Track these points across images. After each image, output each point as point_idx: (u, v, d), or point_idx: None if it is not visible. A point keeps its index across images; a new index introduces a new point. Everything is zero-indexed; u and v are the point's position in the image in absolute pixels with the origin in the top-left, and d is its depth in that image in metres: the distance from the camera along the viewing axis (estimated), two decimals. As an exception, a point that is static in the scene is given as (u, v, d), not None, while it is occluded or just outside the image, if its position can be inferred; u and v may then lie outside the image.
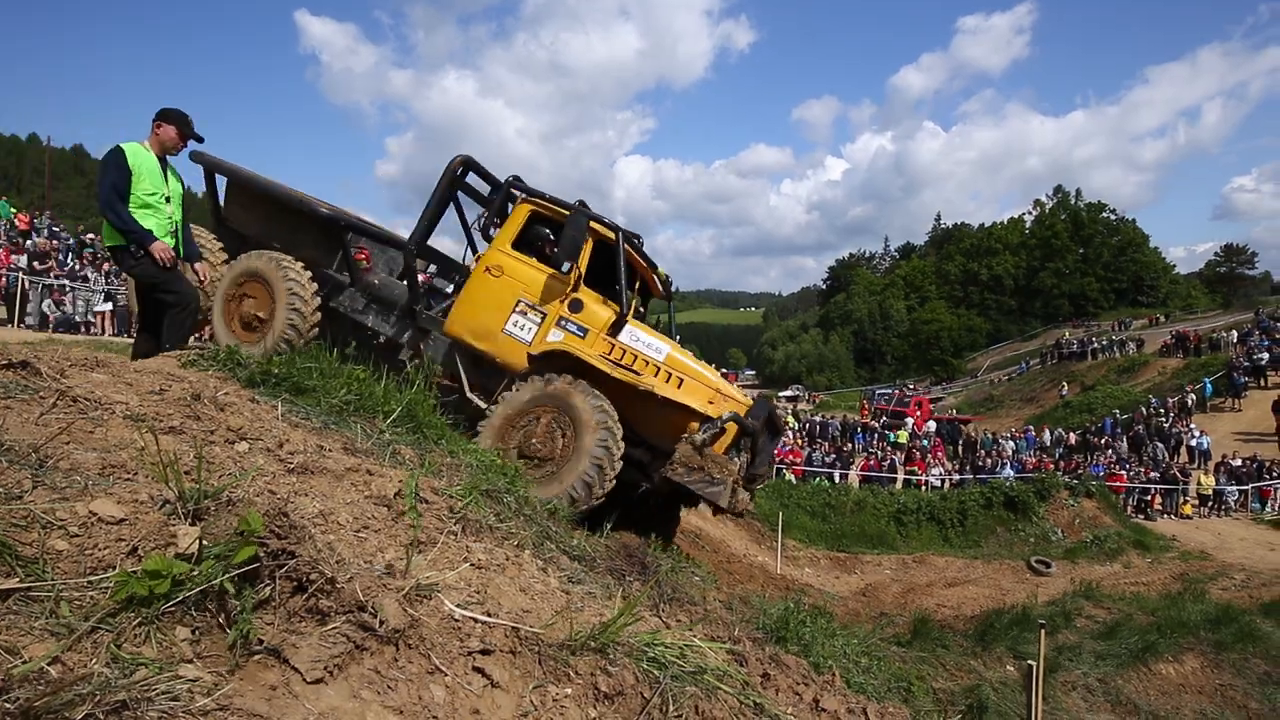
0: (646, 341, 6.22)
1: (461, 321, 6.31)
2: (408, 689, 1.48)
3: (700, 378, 6.19)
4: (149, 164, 4.87)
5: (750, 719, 2.00)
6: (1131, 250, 73.71)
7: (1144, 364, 39.46)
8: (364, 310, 6.84)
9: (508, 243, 6.38)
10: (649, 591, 4.25)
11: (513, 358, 6.17)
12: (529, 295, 6.20)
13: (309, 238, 6.85)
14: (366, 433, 4.04)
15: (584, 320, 6.15)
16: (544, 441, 5.71)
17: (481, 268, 6.36)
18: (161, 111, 5.01)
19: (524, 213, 6.44)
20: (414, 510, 2.64)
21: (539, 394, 5.78)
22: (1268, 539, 18.09)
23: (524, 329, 6.16)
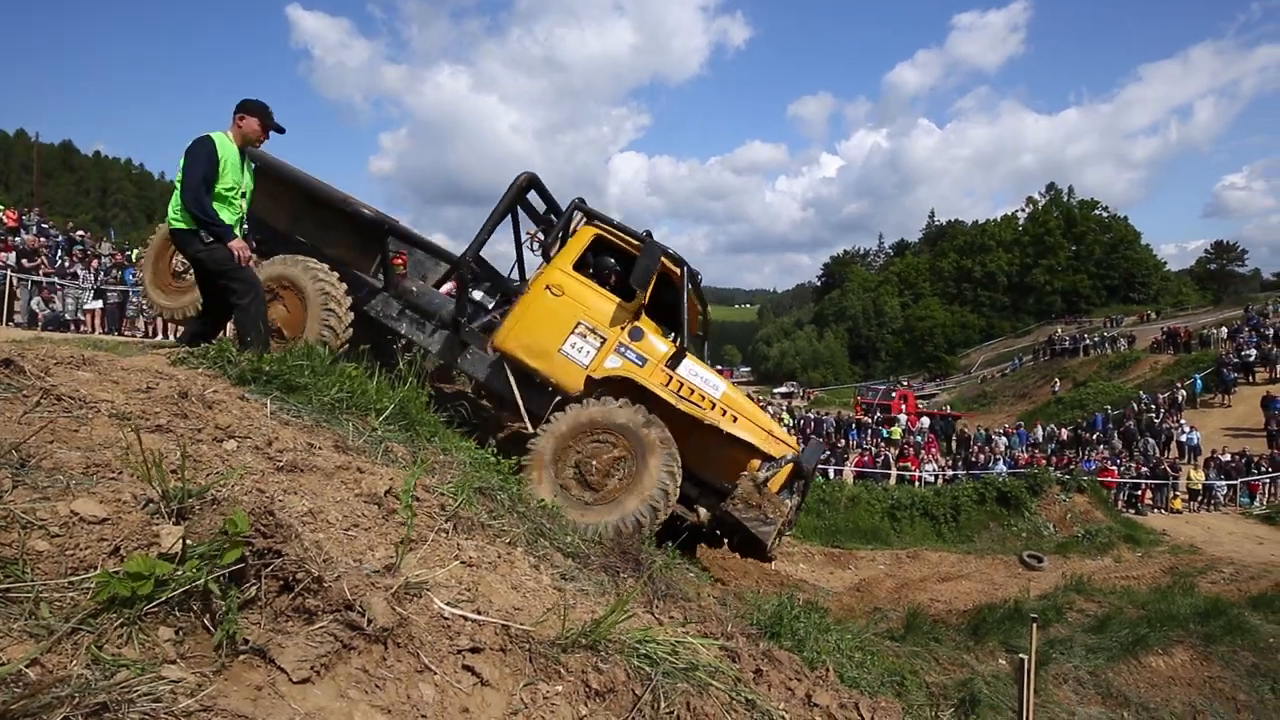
0: (704, 377, 6.21)
1: (516, 338, 6.18)
2: (396, 688, 1.47)
3: (755, 417, 6.22)
4: (233, 157, 4.83)
5: (742, 715, 2.00)
6: (1123, 247, 74.04)
7: (1135, 360, 39.64)
8: (398, 317, 6.68)
9: (569, 264, 6.30)
10: (642, 588, 4.25)
11: (567, 379, 6.07)
12: (590, 318, 6.12)
13: (344, 237, 6.69)
14: (358, 430, 4.01)
15: (644, 350, 6.12)
16: (605, 467, 5.66)
17: (541, 285, 6.25)
18: (244, 103, 4.95)
19: (588, 236, 6.38)
20: (408, 509, 2.62)
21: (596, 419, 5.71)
22: (1256, 533, 18.23)
23: (582, 351, 6.07)
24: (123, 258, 17.42)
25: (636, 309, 6.14)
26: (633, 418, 5.65)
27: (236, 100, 5.02)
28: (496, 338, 6.23)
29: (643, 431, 5.62)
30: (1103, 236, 74.45)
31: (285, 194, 6.72)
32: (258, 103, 4.98)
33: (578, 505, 5.57)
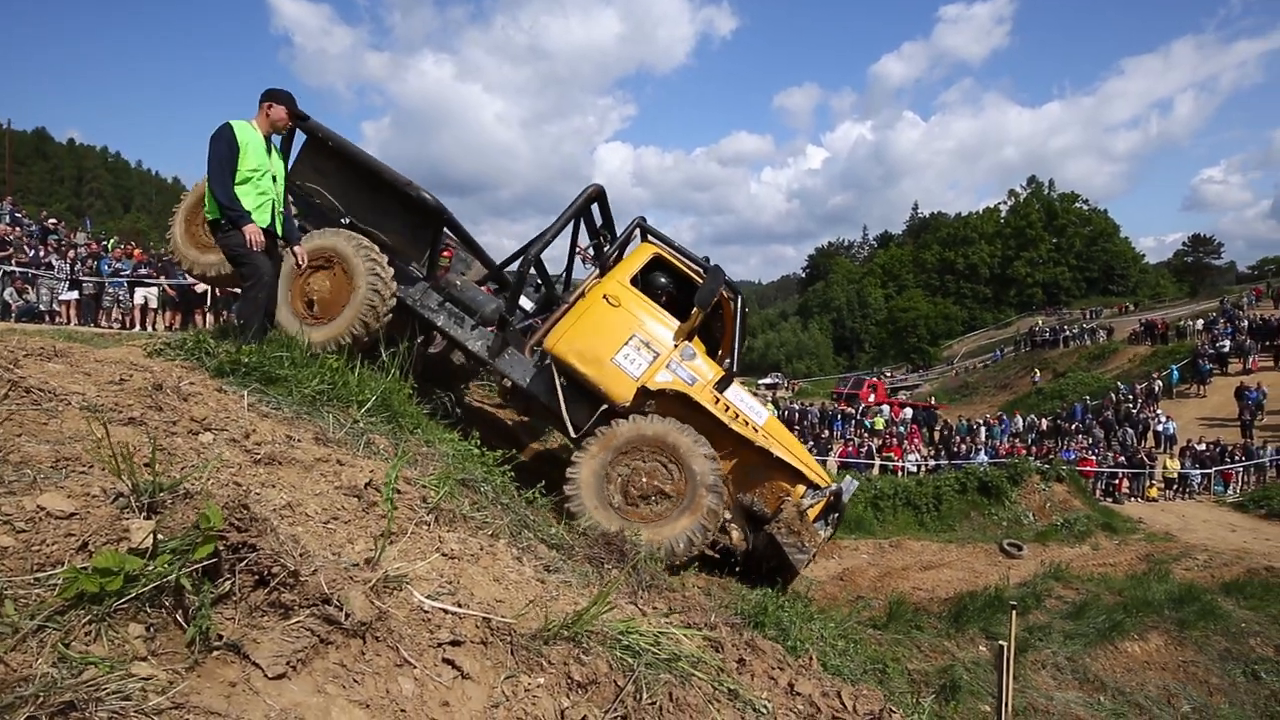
0: (749, 404, 6.30)
1: (569, 342, 6.19)
2: (375, 682, 1.45)
3: (795, 448, 6.33)
4: (255, 141, 4.94)
5: (725, 704, 2.00)
6: (1103, 240, 74.87)
7: (1114, 351, 40.17)
8: (436, 309, 6.58)
9: (626, 277, 6.39)
10: (627, 579, 4.25)
11: (617, 388, 6.08)
12: (645, 332, 6.19)
13: (394, 221, 6.52)
14: (340, 422, 3.97)
15: (695, 369, 6.20)
16: (654, 485, 5.71)
17: (598, 294, 6.31)
18: (270, 92, 5.10)
19: (647, 253, 6.50)
20: (389, 501, 2.60)
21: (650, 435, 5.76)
22: (1229, 520, 18.57)
23: (634, 363, 6.10)
24: (98, 247, 17.11)
25: (690, 329, 6.20)
26: (683, 439, 5.69)
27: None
28: (548, 340, 6.24)
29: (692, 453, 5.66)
30: (1083, 229, 75.23)
31: (338, 172, 6.58)
32: (284, 91, 5.15)
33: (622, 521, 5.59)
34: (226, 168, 4.79)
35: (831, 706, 2.55)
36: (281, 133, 5.23)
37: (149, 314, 14.87)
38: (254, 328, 4.94)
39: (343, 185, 6.62)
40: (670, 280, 6.70)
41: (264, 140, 5.03)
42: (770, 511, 6.14)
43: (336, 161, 6.53)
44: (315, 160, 6.68)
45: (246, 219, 4.85)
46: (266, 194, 5.06)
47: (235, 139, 4.82)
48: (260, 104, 5.08)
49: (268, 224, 5.09)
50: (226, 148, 4.79)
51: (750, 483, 6.19)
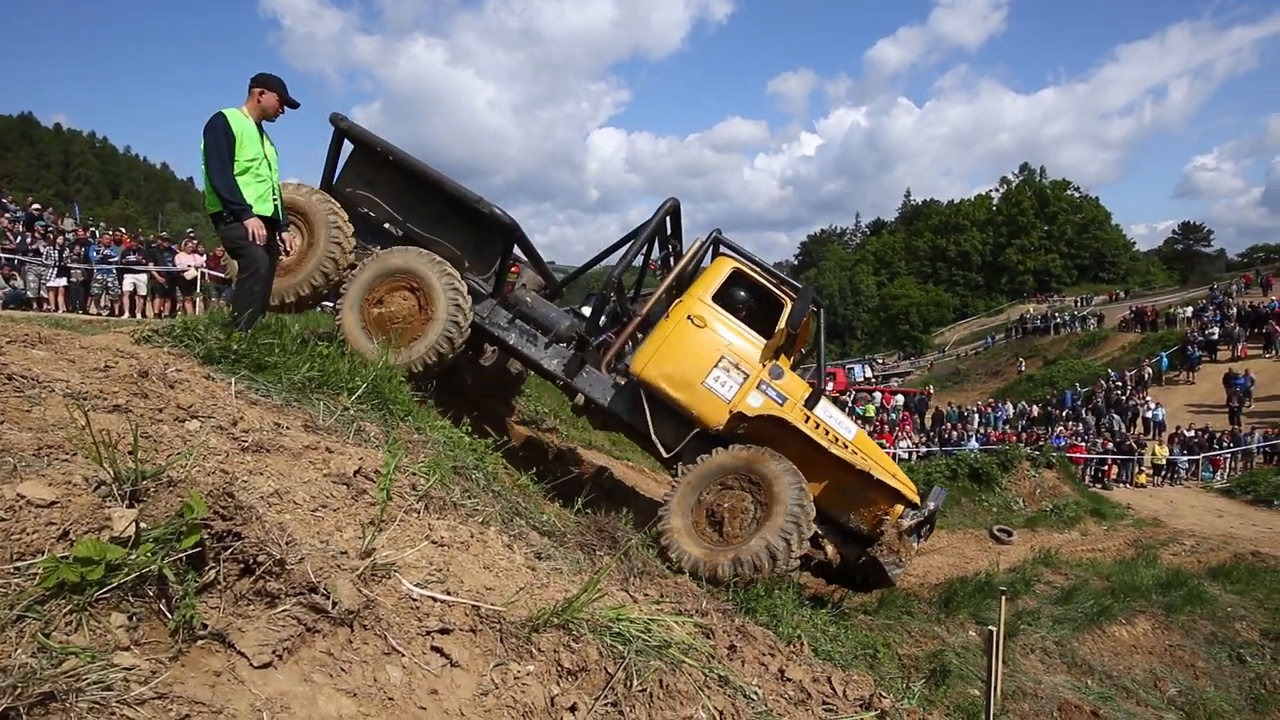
0: (838, 419, 6.22)
1: (658, 366, 6.06)
2: (362, 671, 1.44)
3: (882, 461, 6.26)
4: (249, 130, 4.89)
5: (715, 691, 2.00)
6: (1094, 227, 75.00)
7: (1104, 339, 40.33)
8: (507, 326, 6.44)
9: (709, 295, 6.24)
10: (619, 566, 4.25)
11: (709, 412, 6.00)
12: (733, 352, 6.07)
13: (458, 235, 6.33)
14: (330, 409, 3.95)
15: (784, 388, 6.09)
16: (736, 510, 5.62)
17: (682, 314, 6.15)
18: (260, 77, 5.03)
19: (727, 268, 6.35)
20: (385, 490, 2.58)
21: (735, 462, 5.69)
22: (1216, 506, 18.75)
23: (725, 386, 6.00)
24: (86, 234, 16.92)
25: (777, 347, 6.11)
26: (773, 466, 5.59)
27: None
28: (635, 364, 6.12)
29: (782, 482, 5.54)
30: (1074, 217, 75.33)
31: (393, 181, 6.40)
32: (275, 77, 5.07)
33: (706, 547, 5.54)
34: (226, 158, 4.75)
35: (822, 691, 2.57)
36: (273, 119, 5.13)
37: (138, 301, 14.74)
38: (251, 319, 4.92)
39: (398, 196, 6.44)
40: (749, 294, 6.53)
41: (256, 127, 4.98)
42: (868, 529, 6.07)
43: (390, 172, 6.37)
44: (366, 171, 6.50)
45: (249, 212, 4.83)
46: (266, 182, 5.03)
47: (230, 128, 4.76)
48: (250, 89, 5.01)
49: (270, 214, 5.07)
50: (224, 137, 4.74)
51: (847, 502, 6.08)
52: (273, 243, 5.23)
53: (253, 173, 4.92)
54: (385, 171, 6.38)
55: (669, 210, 6.65)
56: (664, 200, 6.69)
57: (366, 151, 6.40)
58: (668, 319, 6.21)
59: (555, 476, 6.83)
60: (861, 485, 5.88)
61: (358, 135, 6.39)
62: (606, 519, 5.44)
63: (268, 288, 5.29)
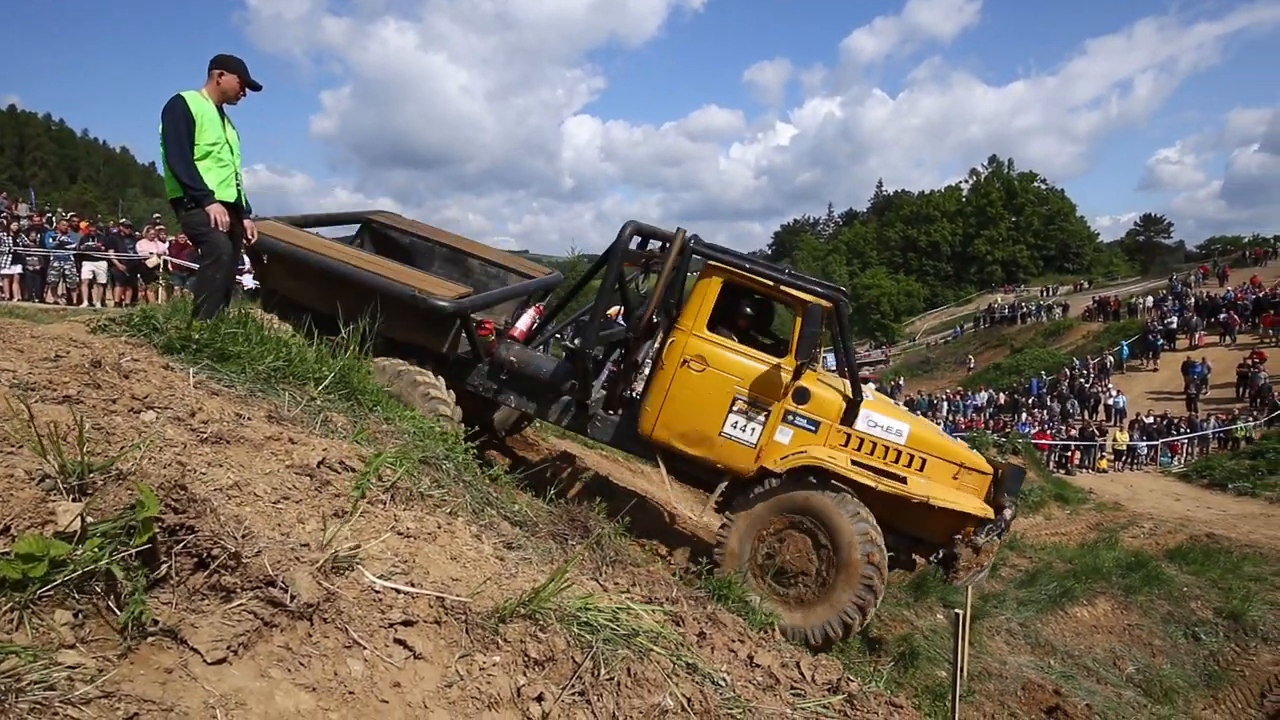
0: (886, 424, 5.47)
1: (667, 425, 5.48)
2: (322, 665, 1.41)
3: (945, 452, 5.58)
4: (209, 113, 4.74)
5: (684, 678, 2.00)
6: (1059, 219, 76.45)
7: (1068, 328, 41.20)
8: (503, 388, 6.07)
9: (703, 325, 5.49)
10: (590, 555, 4.24)
11: (736, 462, 5.45)
12: (745, 390, 5.37)
13: (405, 320, 5.69)
14: (295, 400, 3.87)
15: (814, 411, 5.39)
16: (799, 561, 5.22)
17: (677, 359, 5.46)
18: (221, 59, 4.85)
19: (716, 286, 5.52)
20: (362, 483, 2.54)
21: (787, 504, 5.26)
22: (1174, 490, 19.31)
23: (746, 430, 5.37)
24: (42, 220, 16.38)
25: (796, 367, 5.33)
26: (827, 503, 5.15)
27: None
28: (643, 424, 5.57)
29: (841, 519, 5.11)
30: (1040, 208, 76.67)
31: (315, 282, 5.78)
32: (235, 58, 4.90)
33: (778, 602, 5.23)
34: (185, 143, 4.61)
35: (790, 677, 2.59)
36: (234, 102, 4.99)
37: (97, 289, 14.33)
38: (213, 306, 4.83)
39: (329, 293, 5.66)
40: (746, 299, 5.82)
41: (217, 110, 4.85)
42: (939, 541, 5.62)
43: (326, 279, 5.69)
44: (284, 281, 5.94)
45: (210, 198, 4.70)
46: (228, 167, 4.91)
47: (189, 111, 4.63)
48: (210, 72, 4.86)
49: (233, 199, 4.95)
50: (183, 121, 4.60)
51: (912, 519, 5.51)
52: (236, 229, 5.11)
53: (214, 157, 4.79)
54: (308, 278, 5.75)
55: (629, 236, 5.86)
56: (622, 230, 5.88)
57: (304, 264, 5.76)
58: (663, 367, 5.54)
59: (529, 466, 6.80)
60: (924, 506, 5.27)
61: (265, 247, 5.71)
62: (579, 508, 5.43)
63: (230, 275, 5.18)
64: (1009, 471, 5.69)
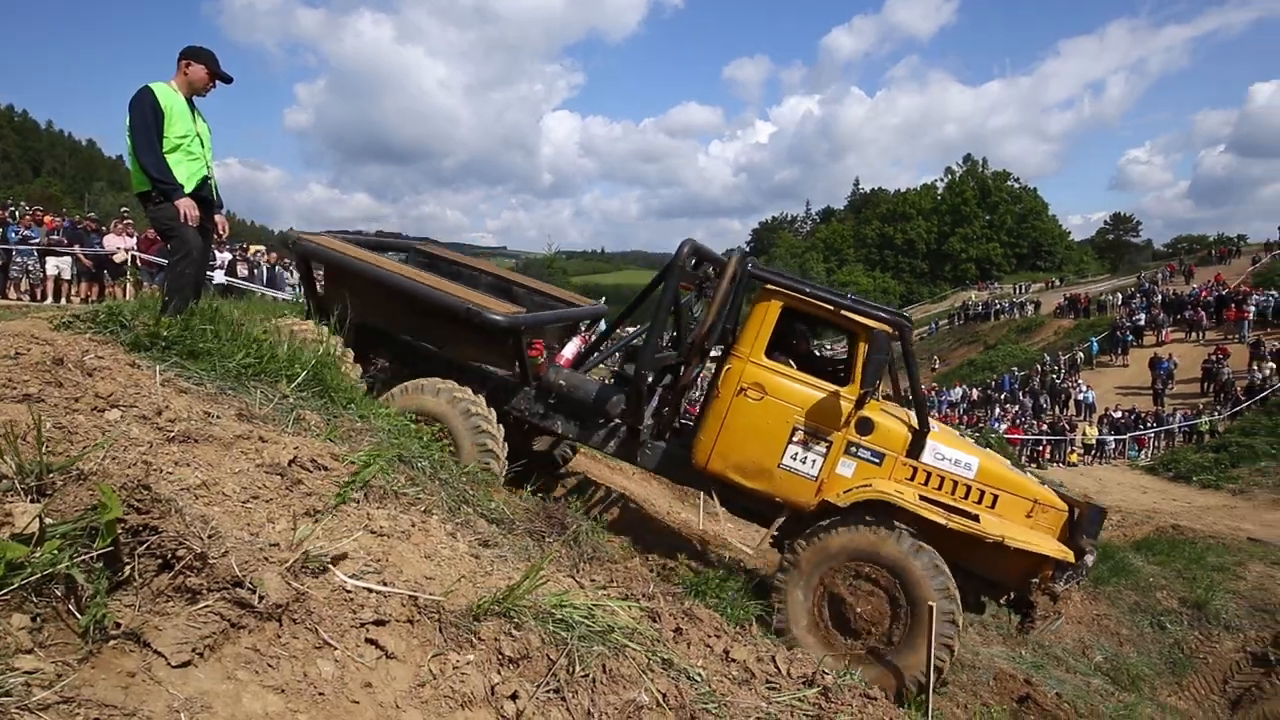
0: (954, 458, 5.19)
1: (723, 457, 5.25)
2: (291, 666, 1.39)
3: (1018, 488, 5.25)
4: (179, 105, 4.65)
5: (659, 674, 2.01)
6: (1032, 218, 77.72)
7: (1040, 325, 41.85)
8: (549, 414, 5.91)
9: (760, 351, 5.26)
10: (567, 552, 4.24)
11: (796, 495, 5.19)
12: (806, 419, 5.13)
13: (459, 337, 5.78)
14: (267, 398, 3.82)
15: (878, 443, 5.13)
16: (871, 615, 4.90)
17: (733, 387, 5.24)
18: (189, 50, 4.78)
19: (775, 310, 5.29)
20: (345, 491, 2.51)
21: (863, 546, 4.90)
22: (1141, 483, 19.72)
23: (807, 462, 5.12)
24: (5, 214, 15.96)
25: (859, 396, 5.06)
26: (909, 558, 4.79)
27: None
28: (697, 455, 5.35)
29: (918, 572, 4.76)
30: (1014, 207, 77.87)
31: (390, 302, 5.89)
32: (204, 49, 4.83)
33: (838, 653, 4.81)
34: (154, 135, 4.52)
35: (766, 671, 2.61)
36: (203, 94, 4.91)
37: (62, 285, 13.99)
38: (182, 303, 4.75)
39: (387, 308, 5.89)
40: (803, 323, 5.62)
41: (187, 103, 4.77)
42: (1012, 584, 5.29)
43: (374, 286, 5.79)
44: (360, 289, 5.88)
45: (179, 192, 4.61)
46: (198, 160, 4.82)
47: (157, 103, 4.54)
48: (178, 63, 4.79)
49: (204, 193, 4.86)
50: (150, 113, 4.51)
51: (984, 559, 5.15)
52: (206, 224, 5.02)
53: (184, 150, 4.70)
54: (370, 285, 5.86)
55: (687, 255, 5.71)
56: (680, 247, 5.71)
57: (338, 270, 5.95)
58: (718, 395, 5.31)
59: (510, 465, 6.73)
60: (996, 546, 4.89)
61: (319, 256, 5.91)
62: (556, 505, 5.41)
63: (201, 271, 5.09)
64: (1088, 512, 5.22)
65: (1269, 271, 39.85)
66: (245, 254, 17.50)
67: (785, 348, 5.55)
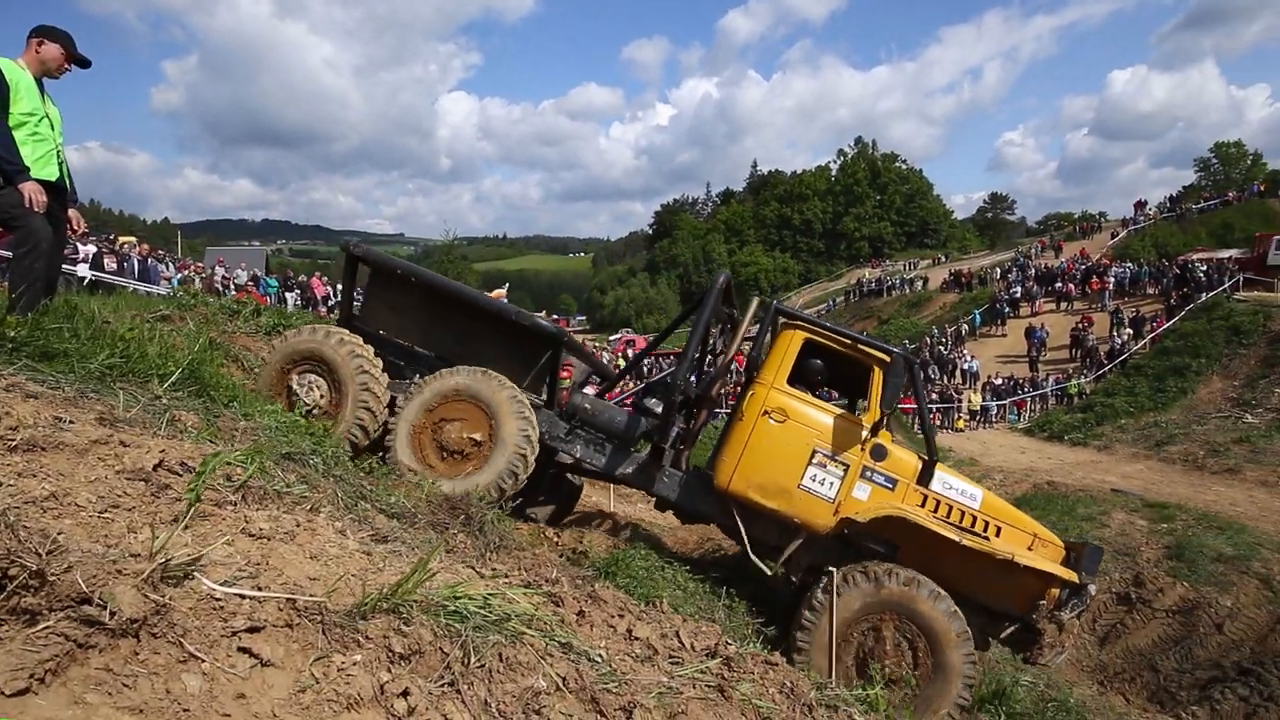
0: (960, 488, 5.46)
1: (745, 477, 5.41)
2: (151, 684, 1.30)
3: (1019, 522, 5.52)
4: (26, 81, 4.28)
5: (559, 659, 2.00)
6: (919, 198, 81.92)
7: (928, 299, 44.33)
8: (567, 438, 5.94)
9: (784, 379, 5.52)
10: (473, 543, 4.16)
11: (814, 517, 5.34)
12: (826, 443, 5.36)
13: (495, 350, 5.90)
14: (135, 399, 3.55)
15: (891, 469, 5.37)
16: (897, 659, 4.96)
17: (758, 410, 5.46)
18: (43, 29, 4.42)
19: (798, 342, 5.57)
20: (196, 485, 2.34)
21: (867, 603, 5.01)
22: (1020, 444, 21.32)
23: (825, 484, 5.33)
24: None
25: (875, 424, 5.37)
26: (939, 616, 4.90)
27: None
28: (719, 476, 5.51)
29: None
30: (902, 187, 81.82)
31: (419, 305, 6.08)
32: (59, 29, 4.49)
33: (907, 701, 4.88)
34: (0, 110, 4.15)
35: (669, 646, 2.65)
36: (56, 76, 4.55)
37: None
38: (33, 297, 4.36)
39: (428, 318, 6.09)
40: (820, 360, 5.85)
41: (37, 83, 4.39)
42: (1019, 611, 5.37)
43: (416, 295, 6.02)
44: (389, 297, 6.15)
45: (25, 174, 4.24)
46: (47, 143, 4.44)
47: (4, 78, 4.18)
48: (29, 41, 4.42)
49: (55, 178, 4.50)
50: None
51: (989, 586, 5.30)
52: (57, 213, 4.60)
53: (30, 130, 4.31)
54: (411, 295, 6.05)
55: (723, 288, 6.09)
56: (717, 277, 6.11)
57: (387, 277, 6.14)
58: (742, 419, 5.53)
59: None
60: (1005, 570, 5.07)
61: (376, 261, 6.16)
62: (461, 497, 5.29)
63: (53, 263, 4.68)
64: (1087, 551, 5.40)
65: (1125, 246, 43.71)
66: (113, 245, 16.20)
67: (806, 383, 5.84)
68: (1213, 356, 23.22)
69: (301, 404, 5.53)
